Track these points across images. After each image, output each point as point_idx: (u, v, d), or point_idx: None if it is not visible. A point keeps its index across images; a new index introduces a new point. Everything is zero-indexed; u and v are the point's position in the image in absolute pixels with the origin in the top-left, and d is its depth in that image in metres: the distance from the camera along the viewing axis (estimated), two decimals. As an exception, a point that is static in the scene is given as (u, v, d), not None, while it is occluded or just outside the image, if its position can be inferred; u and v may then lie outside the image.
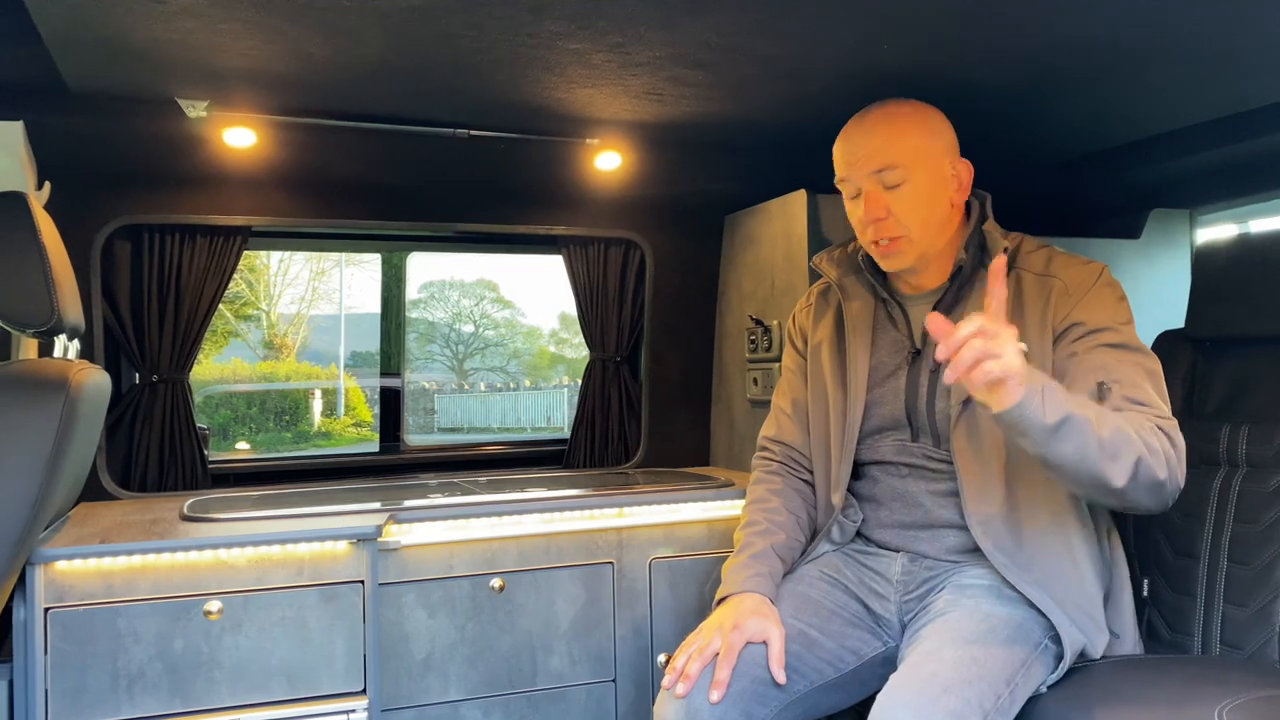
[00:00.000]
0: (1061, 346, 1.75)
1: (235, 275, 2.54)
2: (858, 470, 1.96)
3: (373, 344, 3.32)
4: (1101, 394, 1.66)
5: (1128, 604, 1.95)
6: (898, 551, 1.89)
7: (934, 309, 1.84)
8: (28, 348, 2.15)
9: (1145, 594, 2.20)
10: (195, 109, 2.10)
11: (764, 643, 1.71)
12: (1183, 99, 2.22)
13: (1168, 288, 2.83)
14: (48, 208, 1.95)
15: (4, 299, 1.70)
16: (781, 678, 1.70)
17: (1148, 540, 2.20)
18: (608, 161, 2.53)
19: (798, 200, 2.50)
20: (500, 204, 2.72)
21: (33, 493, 1.62)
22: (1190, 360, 2.27)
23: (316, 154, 2.38)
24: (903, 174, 1.80)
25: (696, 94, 2.10)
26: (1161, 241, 2.89)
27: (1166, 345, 2.35)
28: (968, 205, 1.92)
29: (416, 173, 2.55)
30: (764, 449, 2.12)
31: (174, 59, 1.85)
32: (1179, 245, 2.91)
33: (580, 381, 2.99)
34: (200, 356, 2.53)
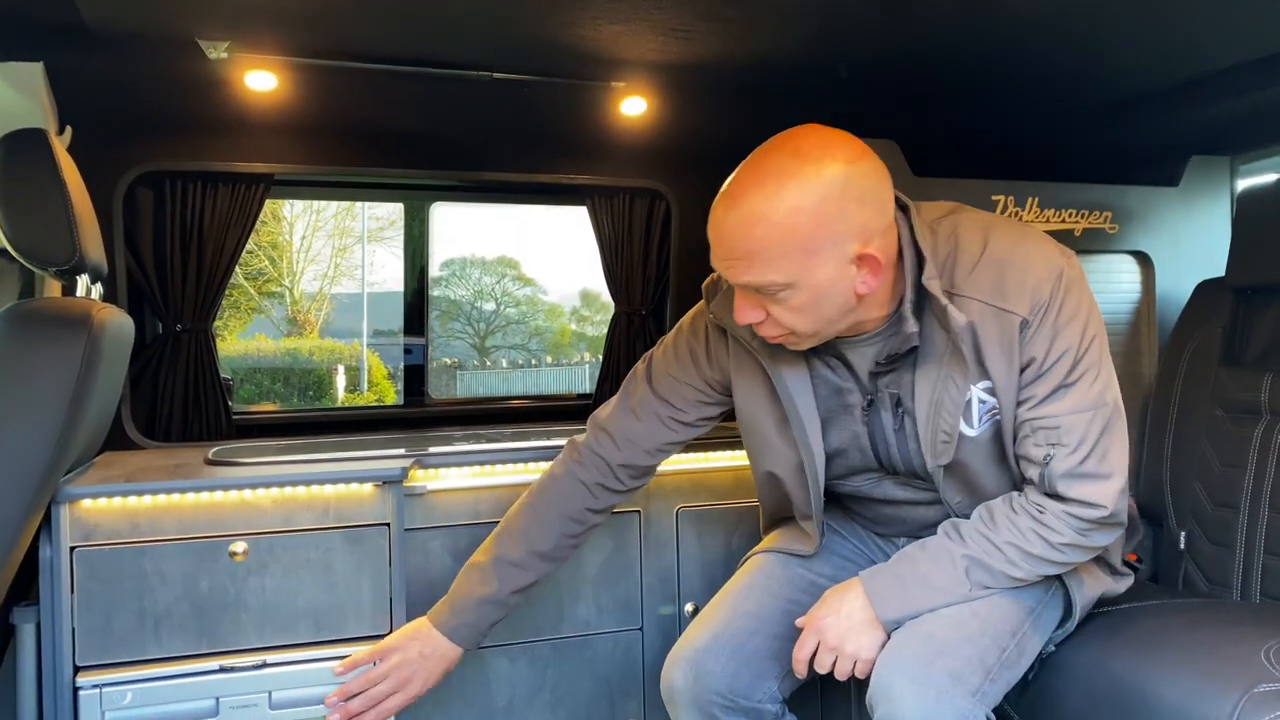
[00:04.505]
0: (1020, 387, 1.55)
1: (258, 253, 2.53)
2: (833, 496, 1.84)
3: (395, 322, 3.29)
4: (1044, 462, 1.53)
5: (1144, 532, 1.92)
6: (900, 537, 1.84)
7: (880, 364, 1.60)
8: (51, 290, 2.14)
9: (1182, 547, 2.16)
10: (216, 50, 2.07)
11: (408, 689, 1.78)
12: (1222, 38, 2.14)
13: (1207, 237, 2.77)
14: (69, 153, 1.93)
15: (26, 236, 1.68)
16: None
17: (1185, 492, 2.16)
18: (633, 107, 2.48)
19: (827, 145, 2.44)
20: (524, 152, 2.69)
21: (56, 428, 1.61)
22: (1230, 309, 2.23)
23: (338, 98, 2.35)
24: (773, 289, 1.46)
25: (725, 30, 2.04)
26: (1201, 190, 2.82)
27: (1206, 295, 2.30)
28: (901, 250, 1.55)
29: (440, 119, 2.52)
30: (594, 439, 1.84)
31: (194, -6, 1.82)
32: (1219, 193, 2.83)
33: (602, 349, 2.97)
34: (225, 333, 2.51)
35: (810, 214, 1.41)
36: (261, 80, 2.21)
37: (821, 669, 1.60)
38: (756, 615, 1.73)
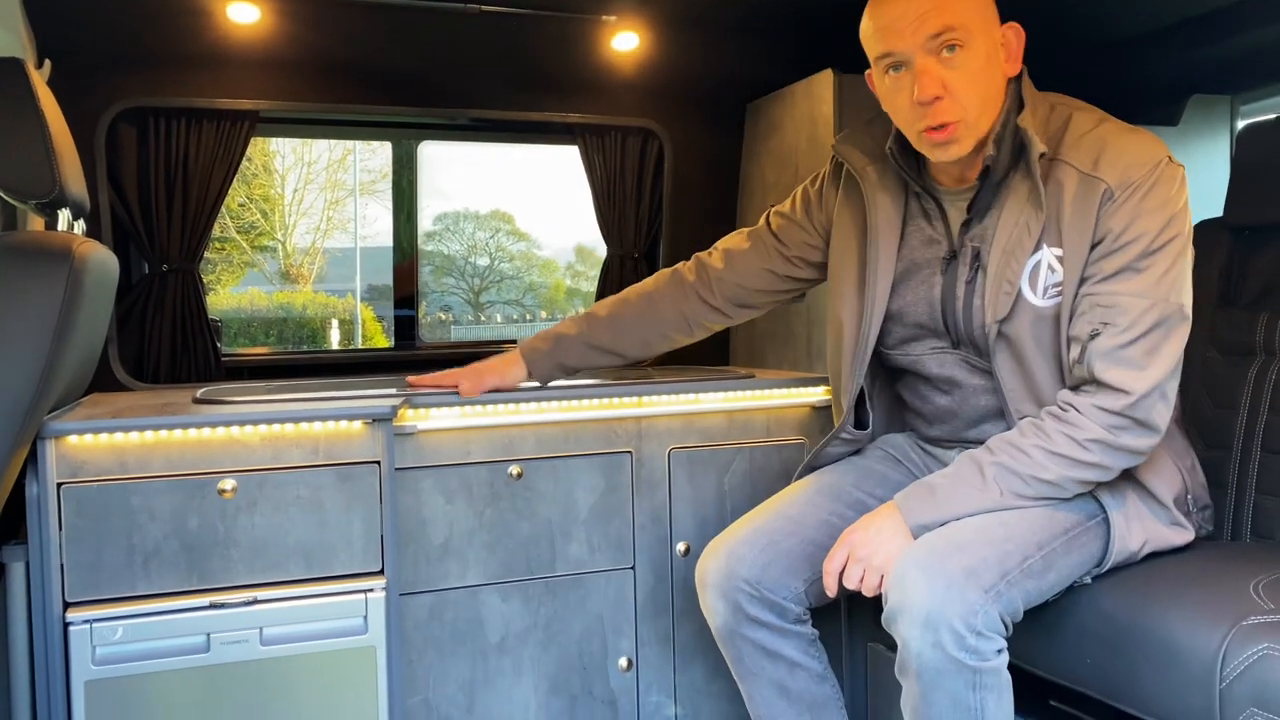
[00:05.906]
0: (1089, 262, 1.59)
1: (250, 206, 2.50)
2: (897, 374, 1.89)
3: (388, 277, 3.25)
4: (1089, 338, 1.55)
5: (1202, 495, 1.85)
6: (954, 447, 1.83)
7: (970, 210, 1.71)
8: (33, 226, 2.11)
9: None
10: (197, -21, 2.02)
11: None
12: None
13: (1206, 177, 2.74)
14: (49, 87, 1.89)
15: (4, 167, 1.64)
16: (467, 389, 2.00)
17: (1178, 433, 2.15)
18: (625, 42, 2.44)
19: (823, 81, 2.41)
20: (514, 89, 2.64)
21: (40, 362, 1.58)
22: (1228, 249, 2.21)
23: (323, 32, 2.30)
24: (963, 37, 1.55)
25: (719, -41, 2.01)
26: (1201, 129, 2.79)
27: (1204, 235, 2.27)
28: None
29: (428, 54, 2.47)
30: (704, 258, 2.08)
31: (172, -83, 1.78)
32: (1219, 133, 2.80)
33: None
34: (218, 286, 2.48)
35: None
36: (244, 12, 2.17)
37: (850, 583, 1.61)
38: (796, 519, 1.79)
